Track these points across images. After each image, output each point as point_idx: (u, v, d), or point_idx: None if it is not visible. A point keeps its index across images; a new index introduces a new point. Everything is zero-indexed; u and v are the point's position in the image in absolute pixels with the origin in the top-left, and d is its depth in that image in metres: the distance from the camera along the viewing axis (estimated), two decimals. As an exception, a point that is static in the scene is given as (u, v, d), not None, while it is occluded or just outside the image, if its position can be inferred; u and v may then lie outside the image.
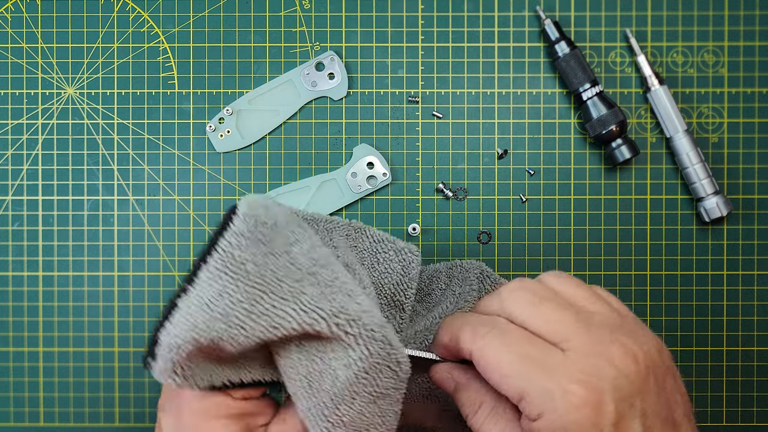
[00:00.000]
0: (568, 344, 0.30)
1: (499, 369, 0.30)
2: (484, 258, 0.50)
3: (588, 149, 0.50)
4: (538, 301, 0.32)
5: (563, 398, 0.29)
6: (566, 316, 0.31)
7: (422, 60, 0.50)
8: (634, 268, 0.50)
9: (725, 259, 0.50)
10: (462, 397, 0.34)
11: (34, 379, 0.50)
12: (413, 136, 0.50)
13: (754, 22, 0.50)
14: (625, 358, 0.30)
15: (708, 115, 0.50)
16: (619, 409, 0.29)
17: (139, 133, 0.50)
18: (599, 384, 0.29)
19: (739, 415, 0.50)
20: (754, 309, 0.50)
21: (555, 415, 0.29)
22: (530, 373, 0.30)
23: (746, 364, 0.50)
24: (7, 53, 0.50)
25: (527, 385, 0.29)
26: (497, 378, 0.30)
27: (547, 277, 0.34)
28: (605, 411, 0.28)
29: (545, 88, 0.50)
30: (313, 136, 0.50)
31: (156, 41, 0.50)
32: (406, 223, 0.50)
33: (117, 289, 0.50)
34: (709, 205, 0.48)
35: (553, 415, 0.29)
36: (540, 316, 0.31)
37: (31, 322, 0.50)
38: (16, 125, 0.50)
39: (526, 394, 0.29)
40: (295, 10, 0.50)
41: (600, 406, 0.29)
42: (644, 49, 0.50)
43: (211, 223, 0.50)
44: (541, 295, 0.32)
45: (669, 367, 0.31)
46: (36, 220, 0.50)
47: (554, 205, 0.50)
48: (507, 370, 0.30)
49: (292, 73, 0.50)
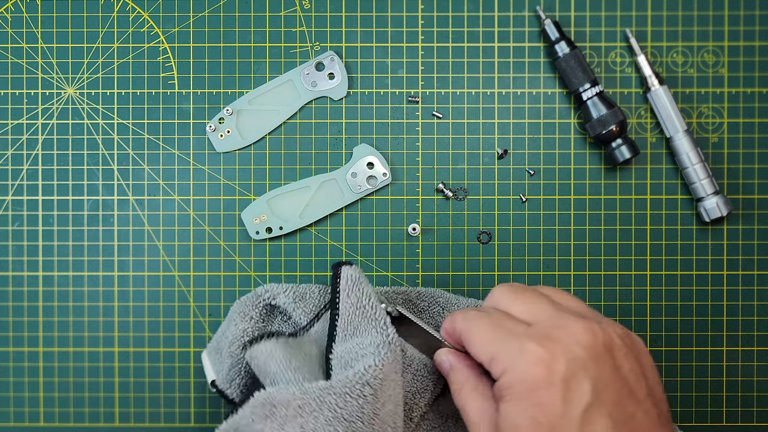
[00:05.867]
0: (537, 320, 0.35)
1: (478, 337, 0.36)
2: (484, 258, 0.50)
3: (588, 149, 0.50)
4: (521, 291, 0.37)
5: (522, 355, 0.33)
6: (542, 302, 0.36)
7: (422, 60, 0.50)
8: (634, 268, 0.50)
9: (725, 259, 0.50)
10: (452, 377, 0.39)
11: (34, 379, 0.50)
12: (413, 136, 0.50)
13: (754, 22, 0.50)
14: (584, 333, 0.33)
15: (708, 115, 0.50)
16: (570, 368, 0.32)
17: (139, 133, 0.50)
18: (554, 346, 0.33)
19: (739, 415, 0.50)
20: (754, 309, 0.50)
21: (515, 370, 0.33)
22: (500, 337, 0.35)
23: (746, 364, 0.50)
24: (7, 53, 0.50)
25: (497, 347, 0.34)
26: (476, 346, 0.36)
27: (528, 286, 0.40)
28: (556, 368, 0.32)
29: (545, 88, 0.50)
30: (313, 136, 0.50)
31: (156, 41, 0.50)
32: (406, 223, 0.50)
33: (117, 289, 0.50)
34: (709, 205, 0.48)
35: (514, 370, 0.33)
36: (519, 303, 0.37)
37: (31, 322, 0.50)
38: (16, 125, 0.50)
39: (495, 354, 0.34)
40: (295, 10, 0.50)
41: (552, 364, 0.32)
42: (644, 49, 0.50)
43: (211, 223, 0.50)
44: (522, 288, 0.38)
45: (635, 351, 0.35)
46: (36, 220, 0.50)
47: (554, 205, 0.50)
48: (484, 338, 0.35)
49: (292, 73, 0.50)
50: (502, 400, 0.34)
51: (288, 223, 0.49)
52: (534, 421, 0.32)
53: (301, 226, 0.49)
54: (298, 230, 0.50)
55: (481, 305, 0.40)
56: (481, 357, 0.35)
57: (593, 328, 0.34)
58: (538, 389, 0.32)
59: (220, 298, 0.50)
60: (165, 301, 0.50)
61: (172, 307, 0.50)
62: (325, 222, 0.50)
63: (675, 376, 0.50)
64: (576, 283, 0.50)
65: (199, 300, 0.50)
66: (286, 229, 0.49)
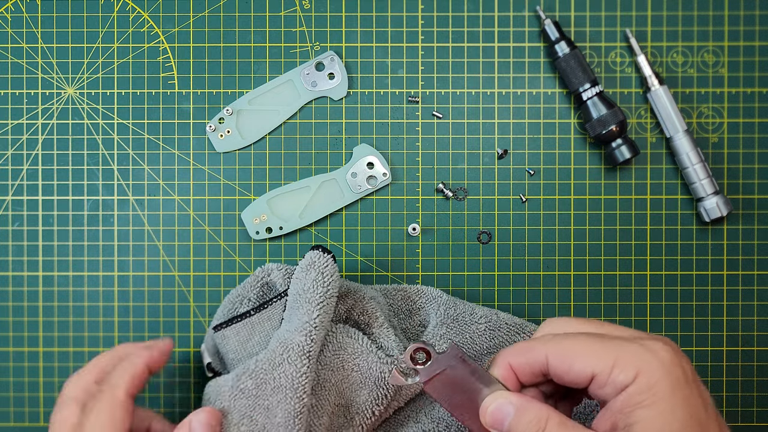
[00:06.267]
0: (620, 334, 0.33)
1: (584, 350, 0.32)
2: (484, 258, 0.50)
3: (588, 149, 0.50)
4: (572, 318, 0.35)
5: (654, 355, 0.31)
6: (601, 323, 0.34)
7: (422, 60, 0.50)
8: (634, 268, 0.50)
9: (725, 259, 0.50)
10: (524, 419, 0.32)
11: (34, 379, 0.50)
12: (413, 136, 0.50)
13: (754, 22, 0.50)
14: (668, 347, 0.32)
15: (708, 115, 0.50)
16: (692, 369, 0.32)
17: (139, 133, 0.50)
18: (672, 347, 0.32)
19: (739, 415, 0.50)
20: (754, 309, 0.50)
21: (652, 369, 0.30)
22: (613, 344, 0.31)
23: (746, 364, 0.50)
24: (7, 53, 0.50)
25: (617, 352, 0.31)
26: (584, 358, 0.32)
27: None
28: (686, 368, 0.31)
29: (545, 88, 0.50)
30: (313, 136, 0.50)
31: (156, 41, 0.50)
32: (406, 223, 0.50)
33: (117, 289, 0.50)
34: (709, 205, 0.48)
35: (651, 370, 0.30)
36: (579, 325, 0.34)
37: (31, 322, 0.50)
38: (16, 125, 0.50)
39: (617, 359, 0.31)
40: (295, 10, 0.50)
41: (682, 363, 0.31)
42: (644, 49, 0.50)
43: (211, 223, 0.50)
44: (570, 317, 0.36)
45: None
46: (36, 220, 0.50)
47: (554, 205, 0.50)
48: (592, 348, 0.32)
49: (292, 73, 0.50)
50: (639, 406, 0.30)
51: (288, 223, 0.49)
52: (687, 420, 0.30)
53: (301, 226, 0.49)
54: (298, 230, 0.50)
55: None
56: (597, 368, 0.31)
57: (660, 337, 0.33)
58: (682, 387, 0.31)
59: (220, 298, 0.50)
60: (165, 301, 0.50)
61: (172, 307, 0.50)
62: (325, 222, 0.50)
63: (675, 376, 0.50)
64: (576, 283, 0.50)
65: (199, 300, 0.50)
66: (286, 229, 0.49)
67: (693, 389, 0.31)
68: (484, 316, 0.46)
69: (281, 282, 0.46)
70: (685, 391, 0.31)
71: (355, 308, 0.45)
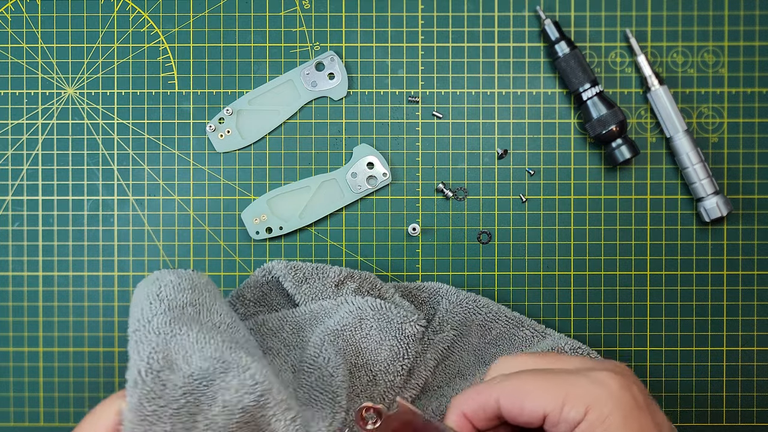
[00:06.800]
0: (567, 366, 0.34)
1: (535, 388, 0.32)
2: (484, 258, 0.50)
3: (588, 149, 0.50)
4: (518, 355, 0.36)
5: (602, 385, 0.31)
6: (553, 357, 0.35)
7: (422, 60, 0.50)
8: (634, 268, 0.50)
9: (725, 259, 0.50)
10: None
11: (34, 379, 0.50)
12: (413, 136, 0.50)
13: (754, 22, 0.50)
14: (616, 376, 0.32)
15: (708, 115, 0.50)
16: (643, 393, 0.32)
17: (139, 133, 0.50)
18: (620, 372, 0.32)
19: (739, 415, 0.50)
20: (754, 309, 0.50)
21: (602, 400, 0.31)
22: (562, 380, 0.32)
23: (746, 364, 0.50)
24: (7, 53, 0.50)
25: (565, 388, 0.31)
26: (536, 398, 0.32)
27: None
28: (636, 393, 0.31)
29: (545, 88, 0.50)
30: (313, 136, 0.50)
31: (156, 41, 0.50)
32: (406, 223, 0.50)
33: (117, 289, 0.50)
34: (709, 205, 0.48)
35: (601, 401, 0.31)
36: (537, 361, 0.35)
37: (31, 322, 0.50)
38: (16, 125, 0.50)
39: (567, 396, 0.31)
40: (295, 10, 0.50)
41: (631, 389, 0.32)
42: (644, 49, 0.50)
43: (211, 223, 0.50)
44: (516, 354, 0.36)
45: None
46: (36, 220, 0.50)
47: (554, 205, 0.50)
48: (543, 386, 0.32)
49: (292, 73, 0.50)
50: None
51: (288, 223, 0.49)
52: None
53: (301, 226, 0.49)
54: (298, 230, 0.50)
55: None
56: (548, 408, 0.31)
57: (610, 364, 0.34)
58: (634, 415, 0.31)
59: (220, 298, 0.50)
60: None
61: (172, 307, 0.50)
62: (325, 222, 0.50)
63: (675, 376, 0.50)
64: (576, 283, 0.50)
65: (199, 300, 0.50)
66: (286, 229, 0.49)
67: (644, 414, 0.31)
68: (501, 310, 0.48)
69: (284, 274, 0.46)
70: (637, 419, 0.31)
71: (363, 285, 0.46)
